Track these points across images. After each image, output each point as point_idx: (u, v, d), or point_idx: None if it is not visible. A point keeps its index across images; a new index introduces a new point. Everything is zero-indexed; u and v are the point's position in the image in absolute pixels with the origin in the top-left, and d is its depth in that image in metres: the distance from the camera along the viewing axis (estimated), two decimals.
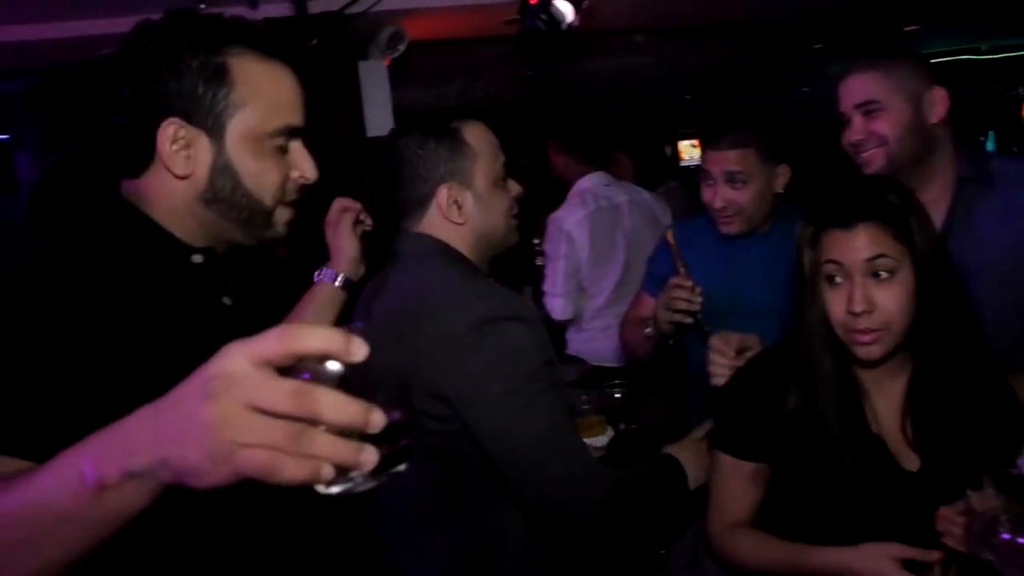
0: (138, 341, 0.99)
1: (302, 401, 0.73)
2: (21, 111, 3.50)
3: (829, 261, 1.69)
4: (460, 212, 1.90)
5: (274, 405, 0.73)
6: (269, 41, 1.37)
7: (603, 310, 3.99)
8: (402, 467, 0.81)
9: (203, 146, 1.32)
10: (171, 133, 1.30)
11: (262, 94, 1.34)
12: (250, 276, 1.54)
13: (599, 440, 2.82)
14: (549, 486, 1.74)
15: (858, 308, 1.64)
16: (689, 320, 2.43)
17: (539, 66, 5.88)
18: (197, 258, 1.37)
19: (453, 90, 6.51)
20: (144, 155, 1.31)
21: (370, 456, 0.75)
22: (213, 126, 1.32)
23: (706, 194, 2.63)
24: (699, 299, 2.39)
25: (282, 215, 1.43)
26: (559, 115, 6.97)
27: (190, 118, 1.31)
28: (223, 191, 1.34)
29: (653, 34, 5.28)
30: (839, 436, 1.73)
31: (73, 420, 0.87)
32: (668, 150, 9.58)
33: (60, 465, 0.84)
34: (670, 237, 2.55)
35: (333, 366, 0.77)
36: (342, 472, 0.76)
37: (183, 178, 1.33)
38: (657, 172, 6.06)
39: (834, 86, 2.27)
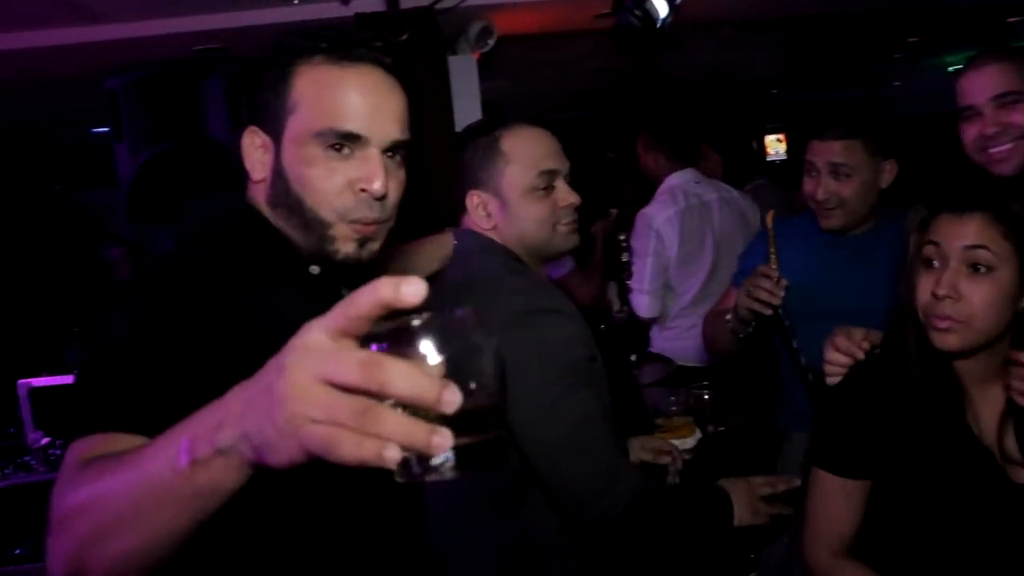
0: (250, 342, 0.97)
1: (370, 371, 0.69)
2: (121, 107, 3.59)
3: (930, 242, 1.65)
4: (488, 218, 1.93)
5: (342, 375, 0.70)
6: (352, 45, 1.35)
7: (689, 309, 3.92)
8: (489, 462, 0.75)
9: (270, 151, 1.36)
10: (251, 140, 1.37)
11: (315, 97, 1.32)
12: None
13: (687, 442, 2.79)
14: (576, 483, 1.73)
15: (941, 291, 1.60)
16: (768, 312, 2.36)
17: (628, 60, 5.82)
18: (314, 269, 1.40)
19: (541, 84, 6.48)
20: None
21: (443, 440, 0.70)
22: (275, 131, 1.35)
23: (808, 186, 2.55)
24: (781, 293, 2.33)
25: (343, 231, 1.35)
26: (647, 109, 6.87)
27: (263, 124, 1.36)
28: (279, 195, 1.36)
29: (742, 28, 5.18)
30: (941, 443, 1.66)
31: (186, 406, 0.88)
32: (754, 144, 9.42)
33: (163, 442, 0.87)
34: (769, 221, 2.49)
35: (425, 341, 0.73)
36: (422, 459, 0.72)
37: (260, 182, 1.38)
38: (744, 168, 5.95)
39: (946, 79, 2.19)
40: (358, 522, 1.38)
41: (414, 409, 0.70)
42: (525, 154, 1.91)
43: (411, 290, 0.70)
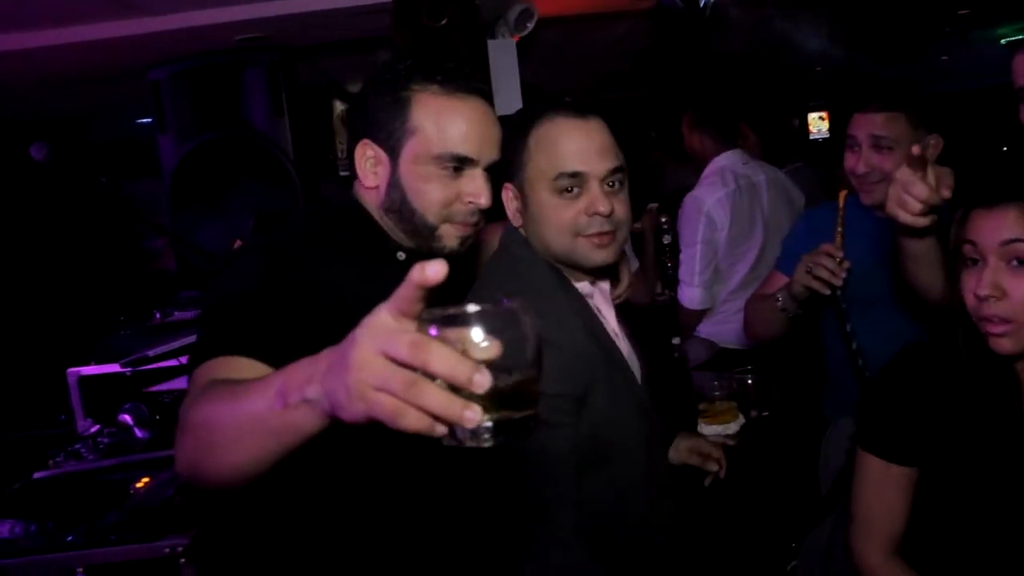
0: (338, 309, 1.17)
1: (417, 351, 0.81)
2: (164, 98, 3.63)
3: (967, 241, 1.60)
4: (518, 215, 1.80)
5: (395, 352, 0.83)
6: (462, 78, 1.60)
7: (737, 292, 3.84)
8: (521, 435, 0.87)
9: (384, 164, 1.61)
10: (363, 151, 1.63)
11: (434, 124, 1.57)
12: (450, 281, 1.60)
13: (731, 427, 2.76)
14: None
15: (983, 292, 1.55)
16: (826, 292, 2.29)
17: (668, 41, 5.75)
18: (401, 255, 1.66)
19: (581, 66, 6.44)
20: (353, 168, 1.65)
21: (474, 415, 0.82)
22: (392, 149, 1.60)
23: (849, 161, 2.48)
24: (843, 274, 2.25)
25: (448, 231, 1.62)
26: (687, 89, 6.79)
27: (378, 140, 1.61)
28: (394, 203, 1.62)
29: (784, 4, 5.09)
30: (993, 432, 1.63)
31: (284, 343, 1.14)
32: (795, 122, 9.29)
33: (266, 383, 1.04)
34: (841, 200, 2.39)
35: (476, 329, 0.84)
36: (467, 431, 0.84)
37: (372, 189, 1.64)
38: (784, 148, 5.84)
39: (997, 51, 2.11)
40: (417, 477, 1.61)
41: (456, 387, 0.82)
42: (547, 149, 1.73)
43: (431, 270, 0.83)
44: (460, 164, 1.59)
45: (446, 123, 1.57)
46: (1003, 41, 7.19)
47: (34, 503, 2.36)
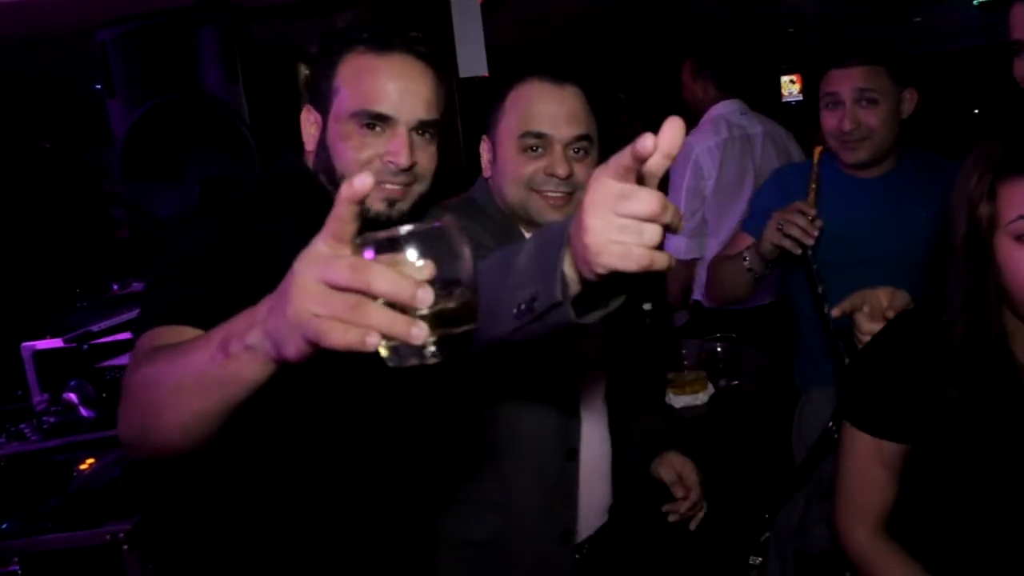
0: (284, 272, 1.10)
1: (357, 273, 0.83)
2: (112, 60, 3.48)
3: (1020, 217, 1.45)
4: (489, 167, 1.92)
5: (335, 277, 0.84)
6: (390, 36, 1.58)
7: None
8: (463, 349, 0.89)
9: (319, 126, 1.63)
10: (306, 116, 1.65)
11: (354, 82, 1.57)
12: None
13: (699, 397, 2.70)
14: None
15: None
16: (797, 251, 2.22)
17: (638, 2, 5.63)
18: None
19: (548, 28, 6.31)
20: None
21: (420, 331, 0.83)
22: (323, 110, 1.61)
23: (829, 120, 2.41)
24: (816, 232, 2.20)
25: (371, 194, 1.54)
26: (659, 52, 6.69)
27: (315, 104, 1.63)
28: (322, 163, 1.62)
29: None
30: (989, 408, 1.54)
31: (230, 309, 1.06)
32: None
33: (205, 340, 1.05)
34: (816, 155, 2.35)
35: (411, 255, 0.86)
36: (408, 347, 0.85)
37: (311, 152, 1.66)
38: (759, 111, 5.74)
39: (971, 12, 2.02)
40: (356, 454, 1.65)
41: (401, 307, 0.83)
42: (521, 107, 1.84)
43: (358, 181, 0.86)
44: (375, 121, 1.56)
45: (365, 81, 1.56)
46: (976, 2, 7.12)
47: None
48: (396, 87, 1.56)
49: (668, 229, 0.95)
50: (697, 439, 2.46)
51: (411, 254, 0.86)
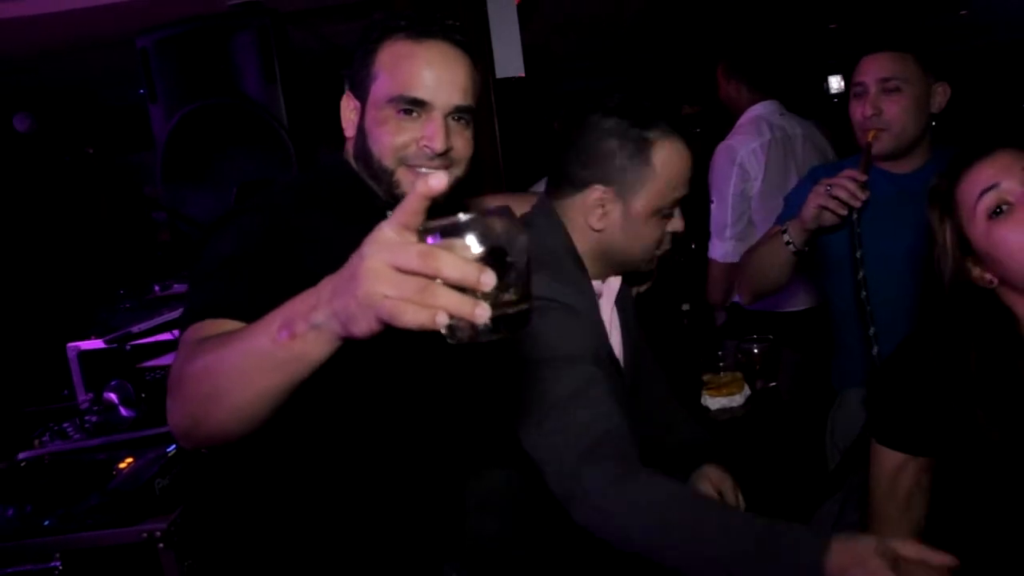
0: (330, 266, 1.16)
1: (427, 260, 0.90)
2: (153, 66, 3.53)
3: (983, 192, 1.53)
4: (601, 219, 1.80)
5: (407, 263, 0.91)
6: (426, 23, 1.59)
7: None
8: (518, 328, 0.96)
9: (358, 113, 1.65)
10: (346, 103, 1.67)
11: (391, 69, 1.59)
12: None
13: (735, 399, 2.68)
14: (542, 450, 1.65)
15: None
16: (843, 211, 2.20)
17: (677, 6, 5.58)
18: (390, 213, 1.52)
19: (587, 31, 6.28)
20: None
21: (484, 311, 0.91)
22: (362, 98, 1.63)
23: (855, 109, 2.39)
24: (864, 197, 2.17)
25: (406, 176, 1.61)
26: (697, 53, 6.63)
27: (354, 91, 1.65)
28: (359, 150, 1.65)
29: None
30: (1007, 418, 1.52)
31: (274, 303, 1.11)
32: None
33: (264, 323, 1.09)
34: (871, 137, 2.32)
35: (470, 236, 0.93)
36: (466, 326, 0.93)
37: (350, 139, 1.68)
38: (804, 108, 5.65)
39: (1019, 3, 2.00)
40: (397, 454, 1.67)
41: (461, 288, 0.91)
42: (671, 172, 1.77)
43: (434, 180, 0.93)
44: (412, 106, 1.58)
45: (403, 66, 1.58)
46: None
47: (15, 486, 2.30)
48: (432, 73, 1.58)
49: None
50: (732, 442, 2.44)
51: (470, 240, 0.94)
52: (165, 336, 3.25)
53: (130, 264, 5.24)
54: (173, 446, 2.36)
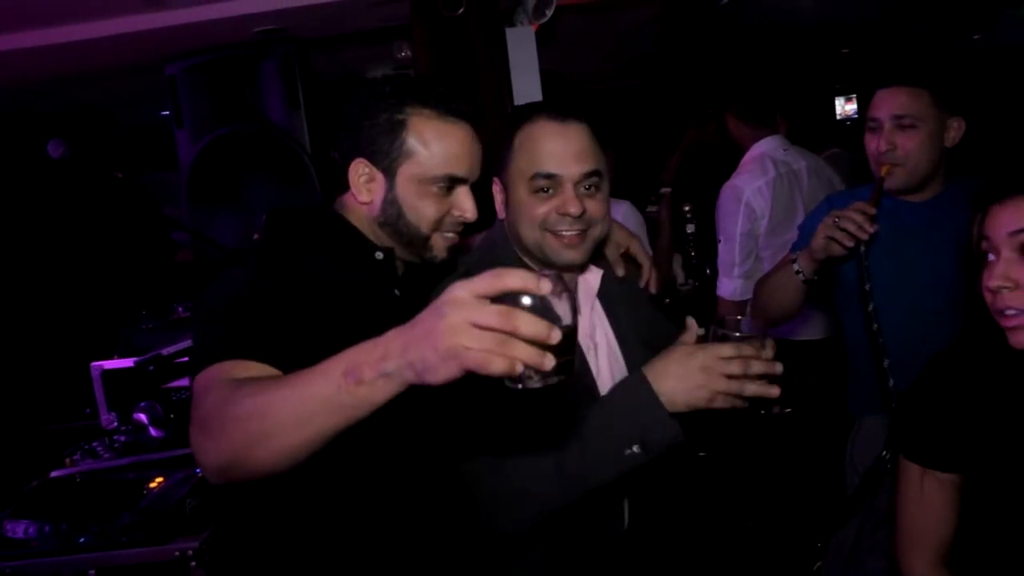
0: (331, 301, 1.42)
1: (507, 319, 1.02)
2: (180, 92, 3.61)
3: (983, 238, 1.57)
4: (502, 208, 1.94)
5: (488, 321, 1.02)
6: (452, 102, 1.72)
7: None
8: (570, 372, 1.11)
9: (380, 182, 1.72)
10: (357, 169, 1.72)
11: (430, 147, 1.70)
12: (418, 275, 1.84)
13: None
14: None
15: (994, 283, 1.51)
16: (849, 243, 2.23)
17: (689, 27, 5.63)
18: (379, 255, 1.77)
19: (601, 53, 6.35)
20: (346, 182, 1.75)
21: (550, 360, 1.04)
22: (388, 168, 1.71)
23: (870, 143, 2.43)
24: (872, 230, 2.20)
25: (438, 241, 1.77)
26: (711, 75, 6.67)
27: (373, 160, 1.71)
28: (391, 218, 1.73)
29: None
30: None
31: (286, 341, 1.29)
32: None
33: (326, 366, 1.17)
34: (885, 172, 2.36)
35: (526, 299, 1.06)
36: (532, 372, 1.07)
37: (365, 204, 1.75)
38: (816, 134, 5.65)
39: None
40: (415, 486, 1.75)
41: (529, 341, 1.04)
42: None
43: (545, 285, 1.06)
44: (453, 184, 1.73)
45: (442, 146, 1.71)
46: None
47: (50, 503, 2.36)
48: (467, 153, 1.74)
49: None
50: (751, 465, 2.48)
51: (537, 303, 1.08)
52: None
53: (149, 284, 5.29)
54: None
